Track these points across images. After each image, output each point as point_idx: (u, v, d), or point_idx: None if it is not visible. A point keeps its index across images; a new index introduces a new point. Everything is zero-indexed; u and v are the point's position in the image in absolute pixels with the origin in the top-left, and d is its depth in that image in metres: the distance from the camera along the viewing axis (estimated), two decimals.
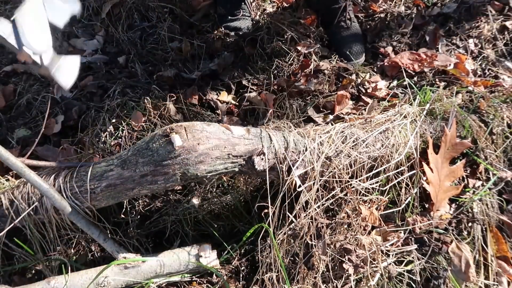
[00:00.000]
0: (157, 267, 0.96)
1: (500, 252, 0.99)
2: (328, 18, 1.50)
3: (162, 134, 0.85)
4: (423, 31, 1.49)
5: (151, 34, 1.54)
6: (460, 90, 1.21)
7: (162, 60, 1.47)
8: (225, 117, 1.31)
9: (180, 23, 1.55)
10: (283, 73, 1.38)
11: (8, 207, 0.91)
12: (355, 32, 1.48)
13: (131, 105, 1.30)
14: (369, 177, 0.99)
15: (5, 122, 1.36)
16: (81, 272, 0.93)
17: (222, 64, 1.43)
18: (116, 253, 0.95)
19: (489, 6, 1.49)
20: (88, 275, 0.92)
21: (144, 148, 0.86)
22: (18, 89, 1.44)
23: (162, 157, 0.84)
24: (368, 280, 0.93)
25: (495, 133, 1.10)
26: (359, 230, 0.96)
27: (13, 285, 1.05)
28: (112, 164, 0.89)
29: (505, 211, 1.05)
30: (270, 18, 1.50)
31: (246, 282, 1.03)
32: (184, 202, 1.12)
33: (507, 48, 1.39)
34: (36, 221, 0.94)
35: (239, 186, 1.12)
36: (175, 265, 0.98)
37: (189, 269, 0.99)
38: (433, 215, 1.01)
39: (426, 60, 1.32)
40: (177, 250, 1.00)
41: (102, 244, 0.95)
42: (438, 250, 0.98)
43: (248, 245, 1.08)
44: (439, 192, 1.02)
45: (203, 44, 1.49)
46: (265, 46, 1.44)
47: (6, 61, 1.53)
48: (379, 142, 1.01)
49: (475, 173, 1.09)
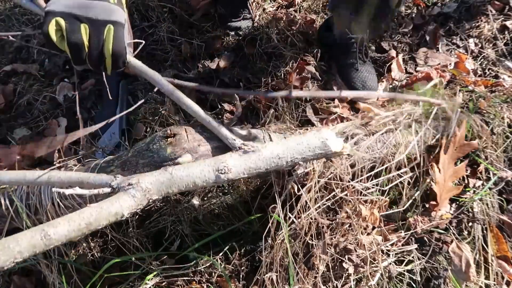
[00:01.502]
0: (279, 151, 0.83)
1: (501, 251, 0.99)
2: (341, 53, 1.37)
3: (162, 135, 0.85)
4: (423, 30, 1.49)
5: (151, 34, 1.54)
6: (461, 90, 1.20)
7: (161, 61, 1.47)
8: (225, 117, 1.31)
9: (179, 23, 1.55)
10: (281, 74, 1.38)
11: (8, 207, 0.91)
12: (369, 69, 1.37)
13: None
14: (370, 177, 0.99)
15: (5, 122, 1.36)
16: (199, 161, 0.82)
17: (222, 64, 1.43)
18: (233, 140, 0.83)
19: (490, 5, 1.49)
20: (207, 162, 0.80)
21: (145, 149, 0.86)
22: (18, 89, 1.44)
23: (163, 158, 0.84)
24: (368, 280, 0.93)
25: (496, 133, 1.10)
26: (359, 230, 0.96)
27: (13, 285, 1.06)
28: (113, 165, 0.89)
29: (506, 211, 1.05)
30: (270, 18, 1.50)
31: (246, 282, 1.03)
32: (184, 202, 1.12)
33: (508, 48, 1.38)
34: (35, 221, 0.93)
35: (239, 186, 1.12)
36: (300, 148, 0.84)
37: (316, 153, 0.85)
38: (435, 215, 1.01)
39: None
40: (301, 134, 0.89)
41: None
42: (438, 250, 0.98)
43: (248, 245, 1.08)
44: (443, 192, 1.02)
45: (202, 44, 1.49)
46: (264, 46, 1.44)
47: (6, 61, 1.53)
48: (381, 142, 1.00)
49: (475, 173, 1.09)
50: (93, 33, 0.71)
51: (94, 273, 1.00)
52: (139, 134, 1.30)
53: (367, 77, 1.34)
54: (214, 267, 1.06)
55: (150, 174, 0.77)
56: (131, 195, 0.72)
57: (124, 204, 0.70)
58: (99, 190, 0.72)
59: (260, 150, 0.82)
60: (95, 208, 0.68)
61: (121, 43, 0.73)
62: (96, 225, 0.68)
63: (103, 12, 0.72)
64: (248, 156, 0.81)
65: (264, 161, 0.82)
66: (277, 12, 1.57)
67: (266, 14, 1.57)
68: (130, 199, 0.71)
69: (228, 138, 0.83)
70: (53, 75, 1.48)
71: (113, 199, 0.71)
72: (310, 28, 1.50)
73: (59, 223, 0.65)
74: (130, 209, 0.71)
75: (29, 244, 0.62)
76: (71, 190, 0.69)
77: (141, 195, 0.73)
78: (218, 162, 0.79)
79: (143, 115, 1.33)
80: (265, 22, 1.53)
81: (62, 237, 0.65)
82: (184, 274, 1.05)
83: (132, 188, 0.72)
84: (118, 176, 0.75)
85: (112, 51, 0.73)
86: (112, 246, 1.11)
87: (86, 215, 0.67)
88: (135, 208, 0.72)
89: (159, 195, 0.76)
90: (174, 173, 0.77)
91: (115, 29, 0.72)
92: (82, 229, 0.66)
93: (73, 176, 0.77)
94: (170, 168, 0.77)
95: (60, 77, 1.46)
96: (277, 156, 0.82)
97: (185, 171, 0.78)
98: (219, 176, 0.78)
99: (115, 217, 0.70)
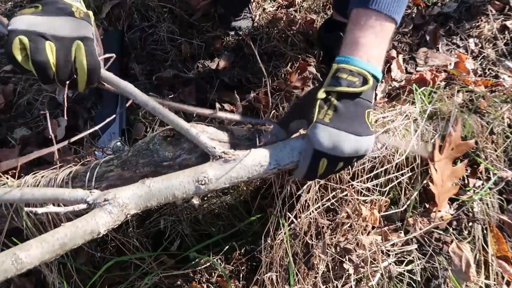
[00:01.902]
0: (261, 158, 0.79)
1: (501, 251, 0.99)
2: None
3: (162, 135, 0.85)
4: (424, 30, 1.49)
5: (151, 34, 1.54)
6: (461, 90, 1.20)
7: (161, 61, 1.47)
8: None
9: (179, 23, 1.55)
10: (281, 73, 1.38)
11: (8, 207, 0.91)
12: None
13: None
14: (370, 178, 0.99)
15: (5, 122, 1.36)
16: (178, 172, 0.79)
17: (222, 64, 1.43)
18: (212, 148, 0.80)
19: (490, 5, 1.49)
20: (186, 174, 0.78)
21: (145, 149, 0.86)
22: (18, 89, 1.44)
23: (163, 158, 0.84)
24: (368, 280, 0.93)
25: (496, 133, 1.10)
26: (359, 230, 0.96)
27: (13, 285, 1.06)
28: (112, 164, 0.89)
29: (506, 210, 1.05)
30: (270, 18, 1.50)
31: (246, 282, 1.03)
32: (184, 201, 1.12)
33: (508, 48, 1.38)
34: (35, 221, 0.93)
35: (239, 186, 1.12)
36: (283, 154, 0.81)
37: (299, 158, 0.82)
38: (435, 215, 1.01)
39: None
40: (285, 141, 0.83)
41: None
42: (438, 250, 0.98)
43: (248, 245, 1.08)
44: (442, 193, 1.02)
45: (202, 44, 1.49)
46: (264, 46, 1.44)
47: (6, 61, 1.53)
48: (380, 142, 1.00)
49: (475, 172, 1.09)
50: (60, 51, 0.69)
51: (94, 273, 1.00)
52: (139, 134, 1.30)
53: None
54: (214, 267, 1.06)
55: (127, 188, 0.74)
56: (108, 211, 0.69)
57: (100, 221, 0.68)
58: (74, 207, 0.70)
59: (241, 159, 0.78)
60: (69, 228, 0.66)
61: (95, 58, 0.72)
62: (72, 245, 0.66)
63: (69, 28, 0.70)
64: (229, 165, 0.78)
65: (246, 170, 0.78)
66: (277, 12, 1.57)
67: (266, 14, 1.57)
68: (107, 215, 0.69)
69: (208, 147, 0.79)
70: None
71: (88, 216, 0.68)
72: (310, 28, 1.50)
73: (31, 246, 0.63)
74: (106, 226, 0.69)
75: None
76: (45, 208, 0.67)
77: (118, 210, 0.70)
78: (198, 173, 0.77)
79: (143, 115, 1.34)
80: (265, 22, 1.53)
81: (35, 260, 0.63)
82: (184, 274, 1.05)
83: (108, 203, 0.70)
84: (93, 191, 0.73)
85: (87, 67, 0.71)
86: (112, 246, 1.11)
87: (60, 235, 0.65)
88: (112, 225, 0.70)
89: (137, 209, 0.74)
90: (152, 185, 0.75)
91: (86, 44, 0.70)
92: (56, 250, 0.64)
93: (48, 192, 0.74)
94: (148, 181, 0.75)
95: None
96: (259, 164, 0.79)
97: (164, 184, 0.75)
98: (199, 187, 0.76)
99: (91, 235, 0.68)
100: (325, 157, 0.75)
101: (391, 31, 0.78)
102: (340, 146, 0.72)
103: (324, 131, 0.73)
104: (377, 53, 0.76)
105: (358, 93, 0.74)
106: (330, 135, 0.72)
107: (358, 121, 0.74)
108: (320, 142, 0.73)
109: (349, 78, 0.74)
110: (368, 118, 0.75)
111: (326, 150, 0.73)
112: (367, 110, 0.75)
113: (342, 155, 0.73)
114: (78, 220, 0.68)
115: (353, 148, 0.73)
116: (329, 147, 0.73)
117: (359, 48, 0.76)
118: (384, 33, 0.77)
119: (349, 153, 0.73)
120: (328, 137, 0.72)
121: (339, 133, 0.72)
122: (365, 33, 0.76)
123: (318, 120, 0.74)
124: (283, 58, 1.42)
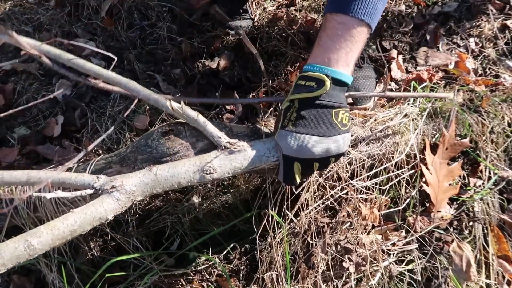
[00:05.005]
0: (264, 150, 0.83)
1: (501, 251, 0.99)
2: None
3: (161, 131, 0.85)
4: (424, 30, 1.49)
5: (151, 33, 1.53)
6: (460, 89, 1.20)
7: (162, 60, 1.47)
8: (225, 117, 1.31)
9: (179, 22, 1.55)
10: (281, 73, 1.38)
11: (8, 204, 0.91)
12: (367, 74, 1.29)
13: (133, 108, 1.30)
14: (369, 176, 0.99)
15: (4, 121, 1.36)
16: (184, 161, 0.81)
17: (222, 63, 1.43)
18: (218, 137, 0.82)
19: (490, 5, 1.48)
20: (191, 162, 0.80)
21: (143, 145, 0.86)
22: (18, 88, 1.44)
23: (161, 153, 0.83)
24: (368, 279, 0.93)
25: (496, 132, 1.09)
26: (359, 229, 0.96)
27: (12, 284, 1.05)
28: (111, 161, 0.88)
29: (506, 210, 1.05)
30: (270, 17, 1.50)
31: (246, 281, 1.02)
32: (184, 201, 1.11)
33: (508, 47, 1.38)
34: (35, 219, 0.93)
35: (239, 185, 1.12)
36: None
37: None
38: (433, 216, 1.01)
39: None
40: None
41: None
42: (439, 249, 0.98)
43: (248, 244, 1.08)
44: (439, 193, 1.01)
45: (202, 43, 1.48)
46: (264, 45, 1.44)
47: (6, 60, 1.53)
48: (379, 141, 1.00)
49: (476, 172, 1.09)
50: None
51: (94, 272, 1.00)
52: (141, 126, 1.28)
53: (363, 84, 1.27)
54: (214, 266, 1.06)
55: (134, 175, 0.75)
56: (115, 198, 0.71)
57: (108, 208, 0.70)
58: (82, 192, 0.71)
59: (245, 150, 0.81)
60: (79, 214, 0.67)
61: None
62: (81, 231, 0.67)
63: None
64: (234, 156, 0.81)
65: (250, 161, 0.81)
66: (278, 11, 1.57)
67: (266, 13, 1.57)
68: (114, 202, 0.71)
69: (214, 136, 0.82)
70: (52, 74, 1.47)
71: (96, 203, 0.69)
72: (311, 27, 1.50)
73: (43, 232, 0.64)
74: (114, 212, 0.71)
75: (12, 256, 0.61)
76: (53, 193, 0.68)
77: (125, 197, 0.72)
78: (204, 162, 0.79)
79: (146, 107, 1.32)
80: (265, 22, 1.53)
81: (46, 246, 0.64)
82: (184, 274, 1.05)
83: (116, 191, 0.71)
84: (100, 176, 0.73)
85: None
86: (112, 246, 1.11)
87: (70, 222, 0.66)
88: (119, 211, 0.72)
89: (143, 196, 0.76)
90: (158, 173, 0.76)
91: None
92: (66, 236, 0.66)
93: (54, 176, 0.75)
94: (155, 169, 0.76)
95: (59, 76, 1.46)
96: (262, 155, 0.82)
97: (170, 172, 0.77)
98: (204, 176, 0.78)
99: (99, 221, 0.69)
100: (297, 161, 0.78)
101: (360, 32, 0.78)
102: (306, 148, 0.76)
103: (289, 137, 0.77)
104: (337, 56, 0.77)
105: (317, 97, 0.75)
106: (295, 139, 0.76)
107: (324, 122, 0.77)
108: (286, 147, 0.77)
109: (307, 84, 0.77)
110: (336, 118, 0.77)
111: (294, 154, 0.77)
112: (334, 110, 0.77)
113: (313, 156, 0.77)
114: (87, 206, 0.69)
115: (321, 149, 0.77)
116: (296, 151, 0.77)
117: (318, 54, 0.79)
118: (348, 35, 0.77)
119: (319, 154, 0.77)
120: (292, 142, 0.76)
121: (303, 137, 0.76)
122: (328, 37, 0.78)
123: (282, 127, 0.78)
124: (283, 58, 1.42)
